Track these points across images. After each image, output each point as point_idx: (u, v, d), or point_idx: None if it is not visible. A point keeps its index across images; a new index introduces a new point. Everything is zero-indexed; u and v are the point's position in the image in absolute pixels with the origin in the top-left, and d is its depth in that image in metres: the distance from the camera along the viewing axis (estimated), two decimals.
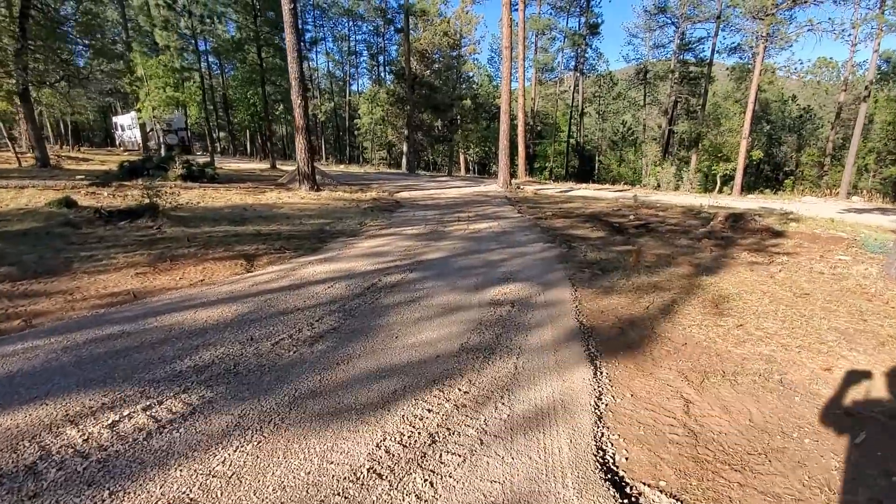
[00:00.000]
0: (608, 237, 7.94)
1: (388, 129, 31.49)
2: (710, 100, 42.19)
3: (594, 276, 4.96)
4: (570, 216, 10.37)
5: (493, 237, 6.92)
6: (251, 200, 9.58)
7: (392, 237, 6.68)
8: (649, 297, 4.35)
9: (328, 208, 9.27)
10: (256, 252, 5.37)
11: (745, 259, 6.51)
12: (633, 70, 43.61)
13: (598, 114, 49.59)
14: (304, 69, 10.67)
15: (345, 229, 7.20)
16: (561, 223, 9.19)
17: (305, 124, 11.02)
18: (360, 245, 6.07)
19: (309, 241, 6.19)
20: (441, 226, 7.82)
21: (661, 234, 8.67)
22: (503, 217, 9.30)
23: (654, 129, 44.94)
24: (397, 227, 7.64)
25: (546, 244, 6.59)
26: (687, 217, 11.02)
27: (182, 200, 8.90)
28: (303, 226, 7.28)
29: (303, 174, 11.40)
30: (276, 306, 3.65)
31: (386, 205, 10.34)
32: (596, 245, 6.83)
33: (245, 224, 7.03)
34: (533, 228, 7.97)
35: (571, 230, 8.38)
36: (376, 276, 4.58)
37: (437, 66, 24.30)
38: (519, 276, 4.78)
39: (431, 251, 5.76)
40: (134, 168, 12.03)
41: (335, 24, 47.62)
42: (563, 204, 12.63)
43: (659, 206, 12.89)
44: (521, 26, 24.53)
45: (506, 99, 15.40)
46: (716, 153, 27.58)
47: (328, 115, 48.86)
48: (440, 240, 6.55)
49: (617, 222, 9.80)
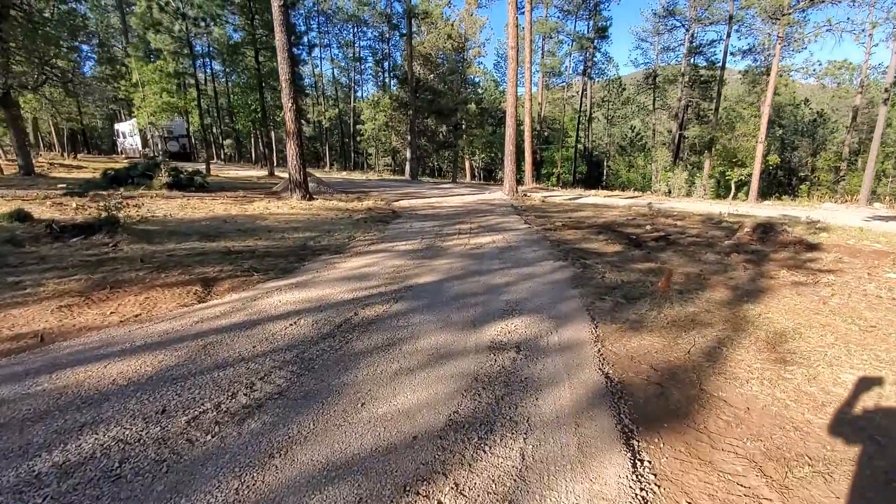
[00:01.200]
0: (626, 252, 7.11)
1: (391, 135, 30.87)
2: (721, 104, 41.26)
3: (617, 305, 4.13)
4: (581, 227, 9.55)
5: (496, 254, 6.10)
6: (235, 211, 8.85)
7: (382, 254, 5.89)
8: (689, 335, 3.50)
9: (317, 219, 8.51)
10: (218, 275, 4.59)
11: (785, 279, 5.66)
12: (642, 75, 42.82)
13: (606, 119, 48.76)
14: (296, 71, 9.95)
15: (330, 244, 6.42)
16: (572, 235, 8.37)
17: (297, 129, 10.30)
18: (343, 265, 5.28)
19: (286, 259, 5.41)
20: (439, 240, 7.02)
21: (684, 247, 7.84)
22: (508, 229, 8.48)
23: (664, 133, 44.03)
24: (390, 241, 6.84)
25: (557, 262, 5.76)
26: (707, 227, 10.16)
27: (159, 212, 8.19)
28: (284, 240, 6.51)
29: (294, 182, 10.67)
30: (216, 355, 2.86)
31: (381, 215, 9.57)
32: (614, 263, 6.00)
33: (218, 239, 6.27)
34: (541, 242, 7.14)
35: (584, 244, 7.56)
36: (353, 307, 3.78)
37: (440, 70, 23.62)
38: (526, 307, 3.96)
39: (424, 273, 4.96)
40: (117, 176, 11.38)
41: (340, 30, 47.37)
42: (573, 213, 11.80)
43: (675, 215, 12.03)
44: (528, 29, 23.83)
45: (511, 102, 14.64)
46: (730, 158, 26.60)
47: (333, 121, 48.44)
48: (436, 258, 5.74)
49: (633, 234, 8.97)
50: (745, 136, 25.87)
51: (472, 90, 26.25)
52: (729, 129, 27.34)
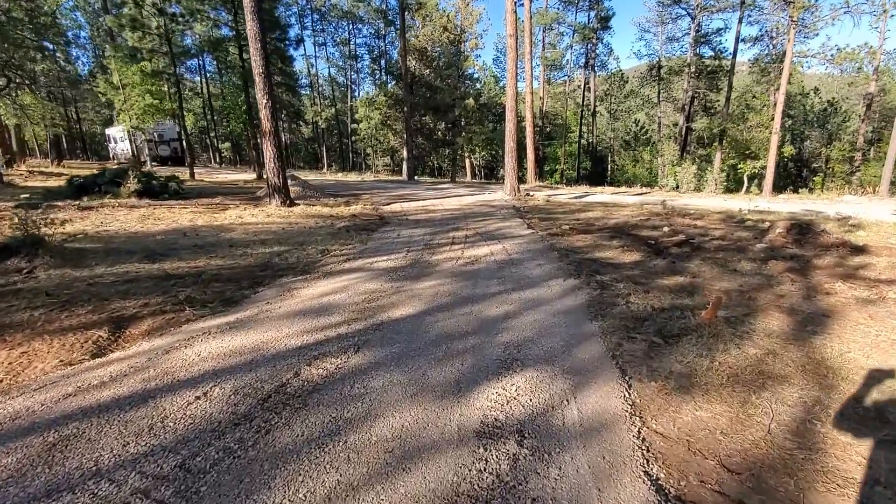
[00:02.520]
0: (646, 262, 6.09)
1: (389, 135, 29.85)
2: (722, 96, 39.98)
3: (652, 347, 3.11)
4: (591, 230, 8.53)
5: (494, 271, 5.08)
6: (202, 221, 7.88)
7: (356, 275, 4.88)
8: (761, 399, 2.49)
9: (293, 230, 7.53)
10: (139, 312, 3.61)
11: (845, 294, 4.65)
12: (646, 67, 41.57)
13: (609, 113, 47.57)
14: (269, 62, 8.97)
15: (297, 262, 5.43)
16: (582, 241, 7.34)
17: (274, 128, 9.32)
18: (304, 291, 4.27)
19: (236, 285, 4.42)
20: (428, 253, 6.01)
21: (712, 253, 6.82)
22: (509, 235, 7.46)
23: (670, 127, 42.78)
24: (370, 256, 5.84)
25: (567, 280, 4.74)
26: (731, 227, 9.12)
27: (113, 226, 7.23)
28: (244, 258, 5.52)
29: (273, 187, 9.69)
30: (59, 465, 1.87)
31: (367, 222, 8.57)
32: (635, 278, 4.98)
33: (164, 259, 5.29)
34: (547, 253, 6.12)
35: (597, 252, 6.54)
36: (297, 362, 2.78)
37: (437, 65, 22.56)
38: (531, 353, 2.94)
39: (403, 301, 3.95)
40: (84, 185, 10.44)
41: (336, 27, 46.39)
42: (580, 213, 10.77)
43: (692, 213, 10.98)
44: (528, 21, 22.75)
45: (511, 95, 13.59)
46: (743, 150, 25.40)
47: (330, 122, 47.49)
48: (421, 278, 4.73)
49: (651, 238, 7.95)
50: (758, 126, 24.66)
51: (471, 85, 25.17)
52: (740, 119, 26.11)
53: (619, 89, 45.19)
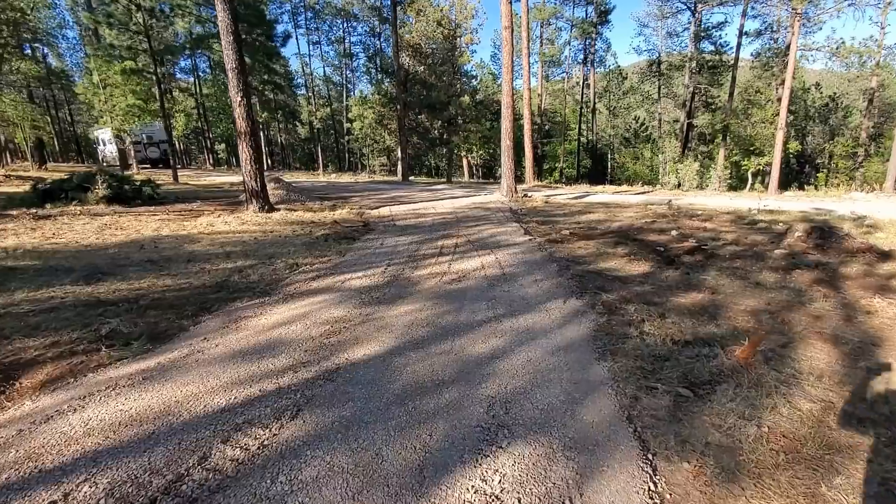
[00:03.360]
0: (657, 273, 5.42)
1: (385, 134, 29.12)
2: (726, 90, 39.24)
3: (679, 404, 2.42)
4: (593, 235, 7.86)
5: (484, 289, 4.39)
6: (167, 231, 7.19)
7: (322, 297, 4.19)
8: (832, 489, 1.81)
9: (266, 240, 6.84)
10: (43, 355, 2.93)
11: (886, 312, 4.05)
12: (645, 63, 40.83)
13: (608, 110, 46.81)
14: (243, 57, 8.27)
15: (260, 281, 4.74)
16: (584, 248, 6.67)
17: (250, 128, 8.62)
18: (254, 322, 3.59)
19: (177, 313, 3.74)
20: (410, 267, 5.32)
21: (728, 261, 6.17)
22: (504, 243, 6.78)
23: (671, 123, 42.06)
24: (344, 271, 5.14)
25: (569, 301, 4.05)
26: (742, 229, 8.46)
27: (66, 237, 6.54)
28: (199, 276, 4.84)
29: (250, 192, 8.99)
30: None
31: (350, 229, 7.87)
32: (647, 296, 4.31)
33: (106, 280, 4.61)
34: (546, 265, 5.43)
35: (601, 261, 5.86)
36: (212, 436, 2.10)
37: (431, 61, 21.80)
38: (522, 416, 2.26)
39: (369, 335, 3.26)
40: (50, 190, 9.75)
41: (330, 26, 45.62)
42: (581, 215, 10.09)
43: (700, 214, 10.30)
44: (525, 16, 22.04)
45: (507, 91, 12.89)
46: (747, 147, 24.70)
47: (325, 122, 46.75)
48: (396, 301, 4.04)
49: (659, 243, 7.28)
50: (762, 122, 23.94)
51: (466, 82, 24.44)
52: (744, 115, 25.40)
53: (618, 86, 44.44)
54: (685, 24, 36.09)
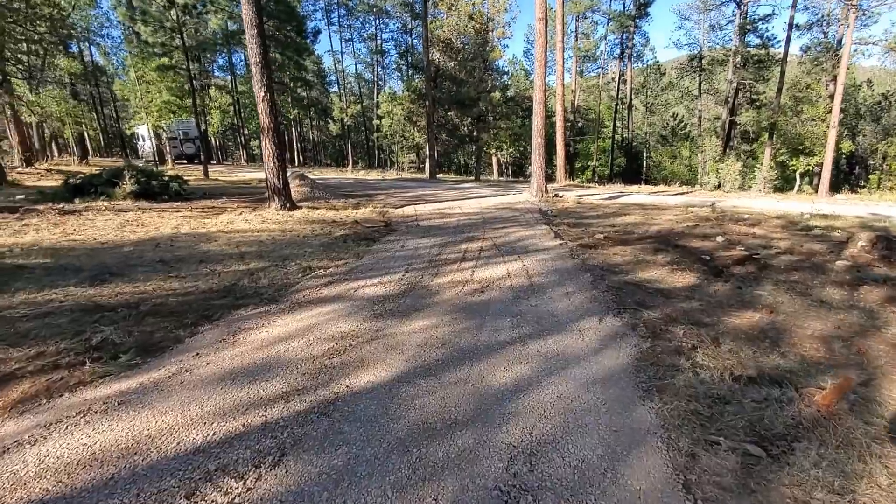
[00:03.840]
0: (704, 286, 4.87)
1: (414, 131, 28.86)
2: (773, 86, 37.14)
3: (750, 469, 1.94)
4: (629, 240, 7.29)
5: (508, 302, 3.96)
6: (187, 229, 7.05)
7: (331, 307, 3.85)
8: None
9: (284, 239, 6.59)
10: (23, 368, 2.69)
11: None
12: (686, 58, 39.07)
13: (645, 107, 45.15)
14: (268, 51, 8.07)
15: (269, 285, 4.46)
16: (620, 255, 6.13)
17: (273, 124, 8.42)
18: (254, 335, 3.28)
19: (177, 321, 3.48)
20: (430, 273, 4.93)
21: (783, 273, 5.54)
22: (533, 248, 6.31)
23: (711, 120, 40.17)
24: (359, 277, 4.81)
25: (605, 318, 3.58)
26: (796, 236, 7.68)
27: (85, 233, 6.48)
28: (208, 279, 4.60)
29: (273, 189, 8.81)
30: None
31: (371, 230, 7.56)
32: (696, 315, 3.79)
33: (112, 281, 4.42)
34: (579, 275, 4.94)
35: (640, 271, 5.33)
36: (176, 486, 1.76)
37: (462, 56, 21.31)
38: (550, 477, 1.83)
39: (376, 357, 2.89)
40: (80, 186, 9.88)
41: (363, 23, 45.77)
42: (615, 218, 9.47)
43: (747, 218, 9.51)
44: (560, 8, 21.30)
45: (539, 86, 12.32)
46: (796, 145, 23.17)
47: (356, 118, 46.98)
48: (411, 315, 3.66)
49: (704, 251, 6.66)
50: (813, 120, 22.39)
51: (497, 77, 23.79)
52: (793, 112, 23.83)
53: (656, 81, 42.77)
54: (729, 17, 34.33)
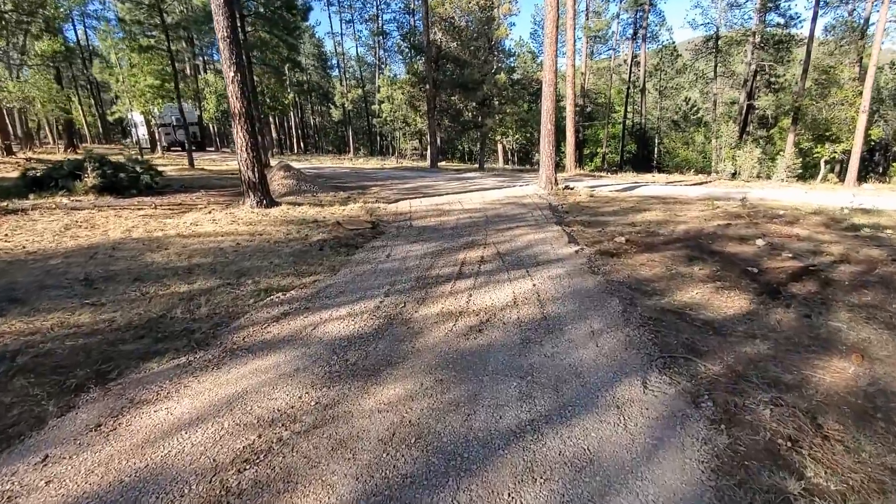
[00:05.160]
0: (762, 313, 3.85)
1: (416, 116, 27.57)
2: (794, 68, 35.34)
3: None
4: (656, 244, 6.24)
5: (515, 350, 2.94)
6: (140, 232, 6.05)
7: (276, 357, 2.85)
8: None
9: (249, 246, 5.58)
10: None
11: None
12: (701, 38, 37.18)
13: (657, 91, 43.39)
14: (237, 25, 6.96)
15: (208, 317, 3.46)
16: (648, 266, 5.08)
17: (245, 109, 7.35)
18: (151, 413, 2.28)
19: (59, 383, 2.49)
20: (416, 299, 3.91)
21: (851, 291, 4.54)
22: (544, 258, 5.26)
23: (727, 105, 38.46)
24: (325, 304, 3.79)
25: (649, 377, 2.56)
26: (847, 238, 6.58)
27: (19, 238, 5.50)
28: (134, 306, 3.61)
29: (247, 184, 7.75)
30: None
31: (354, 232, 6.52)
32: (768, 365, 2.78)
33: (8, 311, 3.44)
34: (603, 297, 3.90)
35: (678, 290, 4.30)
36: None
37: (464, 36, 19.94)
38: None
39: (313, 467, 1.88)
40: (39, 179, 8.90)
41: (364, 3, 44.09)
42: (635, 214, 8.38)
43: (783, 215, 8.38)
44: None
45: (550, 66, 11.11)
46: (823, 131, 21.73)
47: (356, 103, 45.58)
48: (380, 374, 2.64)
49: (746, 258, 5.64)
50: (841, 104, 20.92)
51: (502, 57, 22.39)
52: (819, 96, 22.33)
53: (670, 64, 40.95)
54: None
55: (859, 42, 25.81)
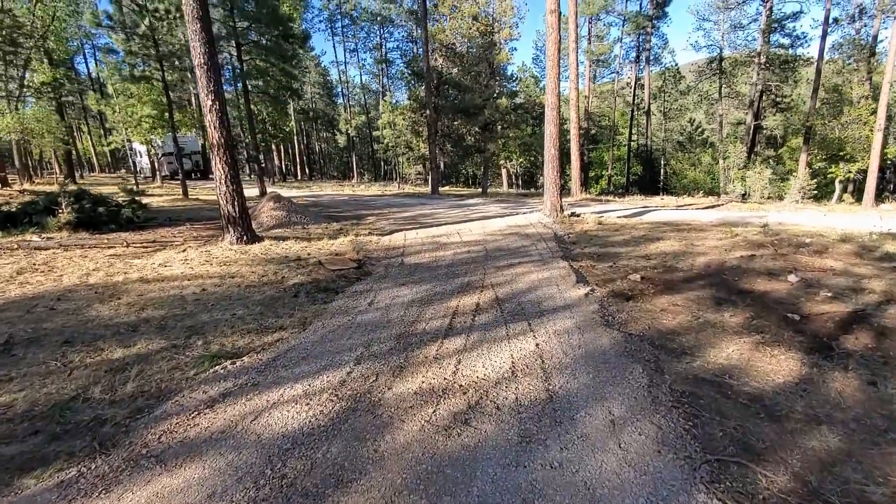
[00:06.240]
0: (818, 381, 3.10)
1: (418, 142, 27.30)
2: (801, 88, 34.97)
3: None
4: (675, 281, 5.53)
5: (510, 460, 2.21)
6: (99, 276, 5.44)
7: (193, 473, 2.16)
8: None
9: (215, 293, 4.94)
10: None
11: None
12: (704, 60, 37.01)
13: (661, 112, 43.13)
14: (215, 50, 6.49)
15: (131, 397, 2.78)
16: (672, 313, 4.36)
17: (225, 139, 6.82)
18: None
19: None
20: (393, 367, 3.21)
21: None
22: (549, 304, 4.56)
23: (733, 125, 38.03)
24: (279, 378, 3.10)
25: (689, 490, 1.83)
26: (885, 271, 5.78)
27: None
28: (47, 384, 2.94)
29: (227, 218, 7.17)
30: None
31: (338, 273, 5.86)
32: (847, 478, 2.01)
33: None
34: (622, 364, 3.17)
35: (710, 347, 3.57)
36: None
37: (465, 61, 19.70)
38: None
39: None
40: (13, 214, 8.42)
41: (368, 32, 44.72)
42: (648, 244, 7.67)
43: (809, 244, 7.61)
44: (573, 7, 19.67)
45: (552, 89, 10.62)
46: (836, 151, 21.04)
47: (360, 129, 45.76)
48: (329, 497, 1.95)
49: (782, 300, 4.89)
50: (855, 122, 20.28)
51: (504, 82, 22.12)
52: (831, 115, 21.73)
53: (673, 86, 40.78)
54: (752, 16, 32.33)
55: (870, 60, 25.38)
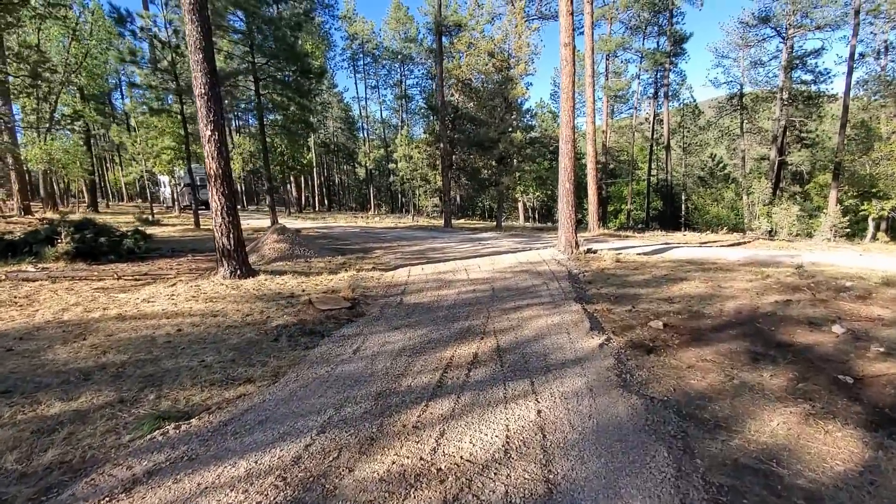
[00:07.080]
0: (887, 468, 2.36)
1: (434, 175, 27.31)
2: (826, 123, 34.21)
3: None
4: (703, 331, 4.91)
5: None
6: (76, 312, 5.11)
7: None
8: None
9: (189, 334, 4.53)
10: None
11: None
12: (725, 96, 36.74)
13: (681, 148, 42.72)
14: (217, 81, 6.35)
15: (45, 470, 2.32)
16: (700, 371, 3.74)
17: (223, 170, 6.60)
18: None
19: None
20: (364, 438, 2.69)
21: None
22: (558, 357, 4.00)
23: (756, 161, 37.29)
24: (224, 451, 2.61)
25: None
26: None
27: None
28: None
29: (222, 251, 6.87)
30: None
31: (328, 314, 5.41)
32: None
33: None
34: (643, 441, 2.58)
35: (750, 420, 2.93)
36: None
37: (482, 96, 19.78)
38: None
39: None
40: (14, 244, 8.32)
41: (389, 70, 46.10)
42: (671, 285, 7.04)
43: (849, 288, 6.86)
44: (589, 43, 19.69)
45: (566, 122, 10.30)
46: (868, 187, 20.12)
47: (379, 162, 46.48)
48: None
49: (829, 357, 4.22)
50: (887, 158, 19.44)
51: (519, 116, 22.11)
52: (861, 151, 20.93)
53: (692, 121, 40.50)
54: (773, 53, 32.13)
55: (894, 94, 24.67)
